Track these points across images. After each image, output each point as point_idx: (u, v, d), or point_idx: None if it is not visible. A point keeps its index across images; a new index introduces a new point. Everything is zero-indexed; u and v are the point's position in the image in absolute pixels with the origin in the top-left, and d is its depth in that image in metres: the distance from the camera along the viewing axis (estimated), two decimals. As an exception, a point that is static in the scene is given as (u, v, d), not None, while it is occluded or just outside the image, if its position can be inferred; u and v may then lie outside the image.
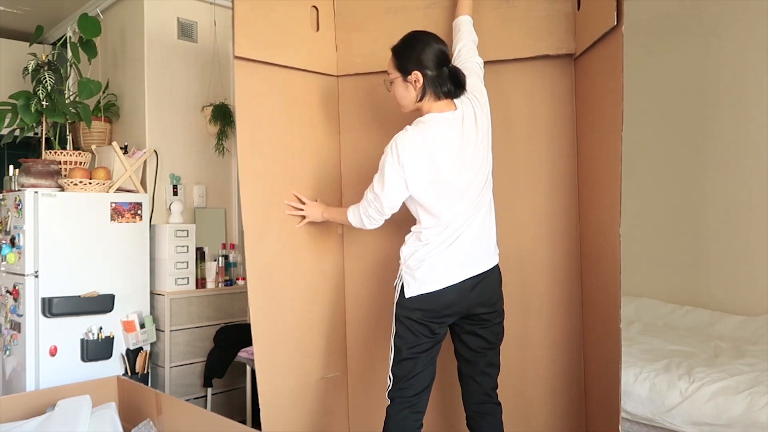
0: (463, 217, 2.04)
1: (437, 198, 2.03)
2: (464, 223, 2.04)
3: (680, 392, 2.46)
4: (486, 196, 2.11)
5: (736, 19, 3.44)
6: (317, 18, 2.57)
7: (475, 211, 2.06)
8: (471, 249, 2.05)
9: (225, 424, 2.28)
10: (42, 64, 3.20)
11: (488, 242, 2.11)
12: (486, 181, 2.10)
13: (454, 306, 2.03)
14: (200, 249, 3.51)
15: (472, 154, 2.05)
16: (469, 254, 2.05)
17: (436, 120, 2.03)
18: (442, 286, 2.01)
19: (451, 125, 2.04)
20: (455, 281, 2.01)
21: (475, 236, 2.05)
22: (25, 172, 3.03)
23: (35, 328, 2.92)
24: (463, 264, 2.03)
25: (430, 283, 2.02)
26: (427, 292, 2.02)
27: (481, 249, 2.08)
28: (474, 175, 2.05)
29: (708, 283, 3.55)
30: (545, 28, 2.37)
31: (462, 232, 2.03)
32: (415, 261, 2.04)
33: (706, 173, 3.56)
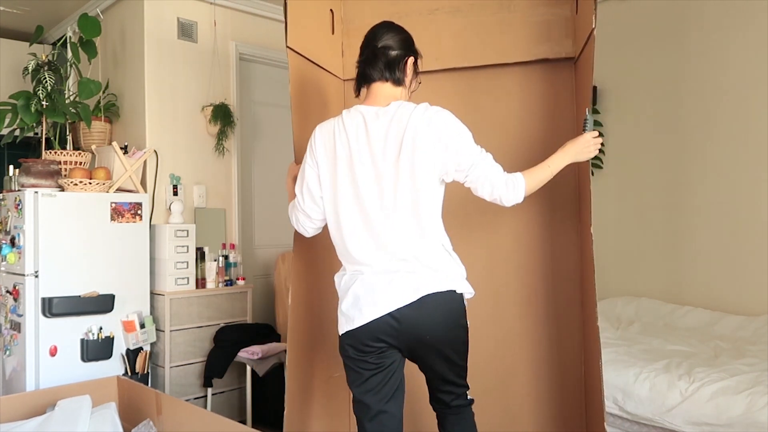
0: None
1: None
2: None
3: (680, 392, 2.46)
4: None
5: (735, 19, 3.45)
6: (332, 21, 2.59)
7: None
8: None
9: (225, 424, 2.28)
10: (42, 64, 3.20)
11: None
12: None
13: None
14: (200, 249, 3.51)
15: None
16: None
17: (346, 113, 1.92)
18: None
19: (338, 119, 1.94)
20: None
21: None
22: (25, 172, 3.03)
23: (35, 328, 2.92)
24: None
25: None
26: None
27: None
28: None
29: (708, 283, 3.55)
30: (544, 32, 2.39)
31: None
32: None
33: (707, 173, 3.56)
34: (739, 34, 3.43)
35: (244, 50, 3.93)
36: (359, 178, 1.80)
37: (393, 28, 1.91)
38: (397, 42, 1.88)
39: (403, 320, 1.76)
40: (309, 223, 1.96)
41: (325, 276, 2.54)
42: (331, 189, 1.85)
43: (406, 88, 1.91)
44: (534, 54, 2.40)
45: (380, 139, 1.80)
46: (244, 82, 4.02)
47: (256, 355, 3.23)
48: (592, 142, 1.93)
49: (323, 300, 2.47)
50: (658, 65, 3.79)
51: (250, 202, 4.09)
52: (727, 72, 3.48)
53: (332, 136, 1.86)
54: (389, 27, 1.92)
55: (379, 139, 1.80)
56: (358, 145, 1.81)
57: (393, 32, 1.90)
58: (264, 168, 4.18)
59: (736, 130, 3.44)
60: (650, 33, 3.82)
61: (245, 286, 3.65)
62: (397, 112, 1.80)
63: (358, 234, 1.82)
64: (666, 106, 3.76)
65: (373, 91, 1.87)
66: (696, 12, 3.61)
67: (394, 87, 1.87)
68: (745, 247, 3.40)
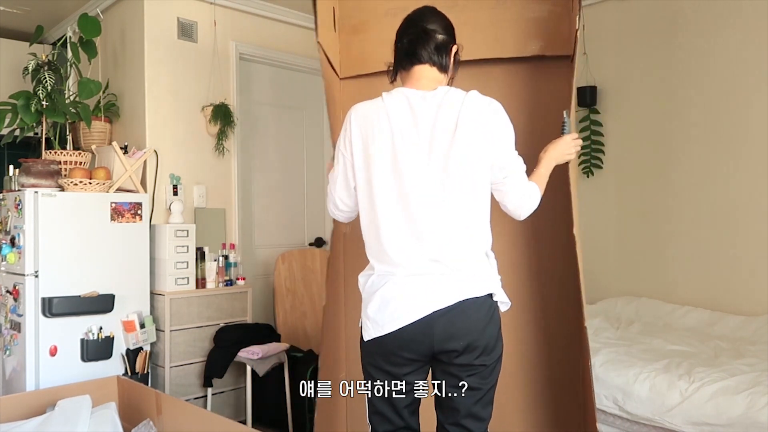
0: None
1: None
2: None
3: (680, 392, 2.46)
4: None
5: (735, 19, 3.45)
6: (334, 19, 2.58)
7: None
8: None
9: (225, 424, 2.28)
10: (42, 64, 3.19)
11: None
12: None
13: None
14: (200, 249, 3.51)
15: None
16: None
17: (386, 94, 1.79)
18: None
19: (379, 103, 1.81)
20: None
21: None
22: (25, 172, 3.03)
23: (35, 328, 2.92)
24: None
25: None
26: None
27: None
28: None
29: (708, 284, 3.54)
30: (541, 28, 2.38)
31: None
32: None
33: (707, 173, 3.56)
34: (739, 33, 3.43)
35: (244, 50, 3.93)
36: (403, 168, 1.62)
37: (438, 13, 1.77)
38: (443, 27, 1.74)
39: (437, 327, 1.60)
40: (339, 213, 1.83)
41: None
42: (366, 178, 1.68)
43: (447, 76, 1.76)
44: (529, 50, 2.38)
45: (428, 125, 1.63)
46: (244, 82, 4.02)
47: (256, 355, 3.23)
48: (572, 144, 1.89)
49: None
50: (657, 65, 3.78)
51: (250, 202, 4.09)
52: (726, 72, 3.48)
53: (371, 120, 1.69)
54: (434, 11, 1.77)
55: (426, 126, 1.63)
56: (402, 131, 1.64)
57: (439, 17, 1.76)
58: (264, 168, 4.18)
59: (736, 129, 3.44)
60: (650, 33, 3.82)
61: (245, 286, 3.65)
62: (446, 98, 1.65)
63: (397, 229, 1.64)
64: (666, 106, 3.76)
65: (415, 74, 1.71)
66: (696, 12, 3.61)
67: (438, 73, 1.72)
68: (744, 247, 3.39)
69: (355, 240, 2.68)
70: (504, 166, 1.67)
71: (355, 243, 2.68)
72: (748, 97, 3.40)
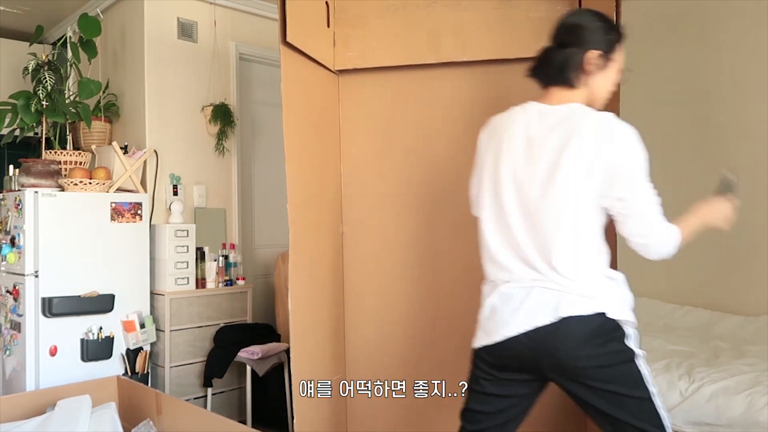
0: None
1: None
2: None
3: (680, 392, 2.46)
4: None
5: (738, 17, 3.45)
6: (327, 14, 2.56)
7: None
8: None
9: (225, 424, 2.28)
10: (42, 64, 3.20)
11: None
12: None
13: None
14: (200, 249, 3.51)
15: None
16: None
17: (516, 108, 1.78)
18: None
19: (507, 115, 1.80)
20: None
21: None
22: (25, 172, 3.03)
23: (35, 328, 2.92)
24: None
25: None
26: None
27: None
28: None
29: (708, 283, 3.54)
30: (547, 28, 2.37)
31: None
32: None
33: (707, 173, 3.55)
34: (742, 31, 3.43)
35: (244, 50, 3.93)
36: (519, 177, 1.63)
37: (568, 16, 1.74)
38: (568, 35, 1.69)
39: (539, 343, 1.55)
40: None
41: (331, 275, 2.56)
42: (491, 184, 1.68)
43: (587, 87, 1.68)
44: (535, 51, 2.39)
45: (543, 141, 1.61)
46: (244, 82, 4.02)
47: (256, 355, 3.23)
48: (728, 211, 1.80)
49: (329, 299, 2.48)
50: (657, 65, 3.78)
51: (250, 202, 4.09)
52: (728, 70, 3.48)
53: (498, 130, 1.71)
54: (566, 15, 1.74)
55: (541, 141, 1.61)
56: (519, 143, 1.64)
57: (564, 21, 1.73)
58: (264, 168, 4.18)
59: (737, 128, 3.44)
60: (650, 33, 3.82)
61: (245, 286, 3.65)
62: (570, 115, 1.62)
63: (513, 236, 1.62)
64: (666, 105, 3.76)
65: (548, 92, 1.72)
66: (696, 12, 3.61)
67: (568, 91, 1.68)
68: (745, 247, 3.39)
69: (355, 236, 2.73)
70: (625, 200, 1.62)
71: (355, 240, 2.73)
72: (748, 96, 3.40)
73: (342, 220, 2.67)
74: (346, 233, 2.67)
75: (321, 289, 2.52)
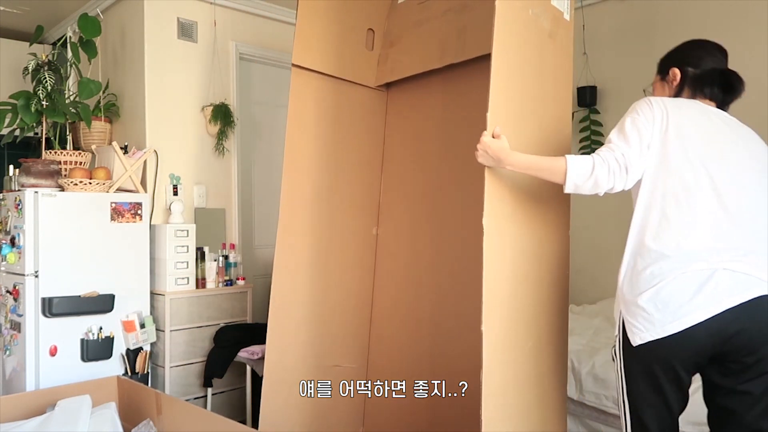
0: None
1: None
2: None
3: (680, 392, 2.45)
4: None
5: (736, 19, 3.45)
6: (372, 39, 2.80)
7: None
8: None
9: (225, 424, 2.28)
10: (42, 64, 3.20)
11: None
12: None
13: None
14: (200, 249, 3.51)
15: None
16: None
17: (693, 101, 1.85)
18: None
19: (710, 113, 1.83)
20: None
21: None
22: (25, 172, 3.03)
23: (35, 328, 2.92)
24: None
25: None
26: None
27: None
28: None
29: (708, 283, 3.54)
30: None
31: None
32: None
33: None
34: (740, 33, 3.43)
35: (244, 50, 3.93)
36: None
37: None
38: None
39: (729, 328, 1.49)
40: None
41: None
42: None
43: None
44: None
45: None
46: (244, 82, 4.02)
47: (256, 355, 3.23)
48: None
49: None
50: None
51: (250, 202, 4.09)
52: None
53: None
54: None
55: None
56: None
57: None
58: (264, 168, 4.18)
59: (736, 130, 3.44)
60: (650, 33, 3.82)
61: (245, 286, 3.65)
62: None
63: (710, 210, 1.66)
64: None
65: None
66: (696, 12, 3.61)
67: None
68: (745, 247, 3.39)
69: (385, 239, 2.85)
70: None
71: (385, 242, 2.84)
72: (748, 96, 3.39)
73: (377, 223, 2.92)
74: (380, 236, 2.87)
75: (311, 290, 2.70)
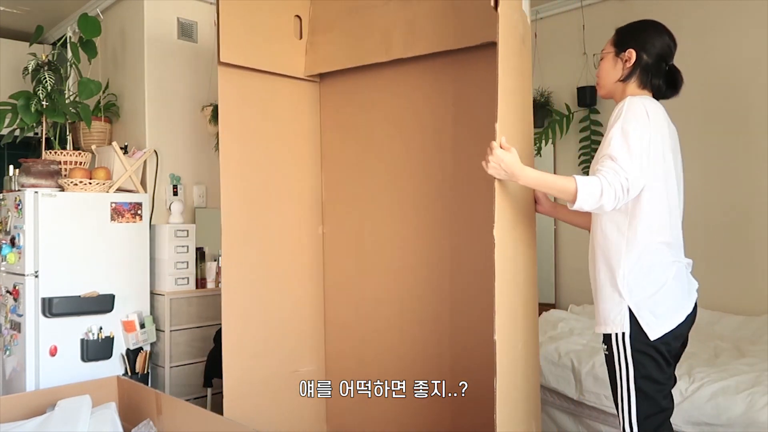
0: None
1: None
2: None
3: (680, 392, 2.46)
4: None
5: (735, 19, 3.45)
6: (300, 26, 2.66)
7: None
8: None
9: (225, 424, 2.28)
10: (42, 64, 3.20)
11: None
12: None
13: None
14: (200, 249, 3.51)
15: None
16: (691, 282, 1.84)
17: (653, 100, 1.88)
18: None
19: (668, 118, 1.89)
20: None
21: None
22: (25, 172, 3.03)
23: (35, 328, 2.92)
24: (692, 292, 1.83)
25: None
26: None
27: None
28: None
29: (708, 283, 3.53)
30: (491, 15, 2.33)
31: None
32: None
33: (707, 172, 3.56)
34: (740, 33, 3.43)
35: (244, 50, 3.93)
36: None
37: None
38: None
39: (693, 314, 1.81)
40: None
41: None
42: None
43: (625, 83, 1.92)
44: (482, 38, 2.33)
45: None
46: (244, 82, 4.02)
47: (256, 355, 3.23)
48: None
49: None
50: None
51: (250, 202, 4.09)
52: (726, 71, 3.48)
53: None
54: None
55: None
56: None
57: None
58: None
59: (736, 128, 3.44)
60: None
61: (245, 286, 3.65)
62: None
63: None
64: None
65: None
66: (696, 12, 3.61)
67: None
68: (745, 247, 3.39)
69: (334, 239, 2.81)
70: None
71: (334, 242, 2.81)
72: (749, 97, 3.40)
73: (322, 222, 2.84)
74: (327, 234, 2.82)
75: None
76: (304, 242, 2.81)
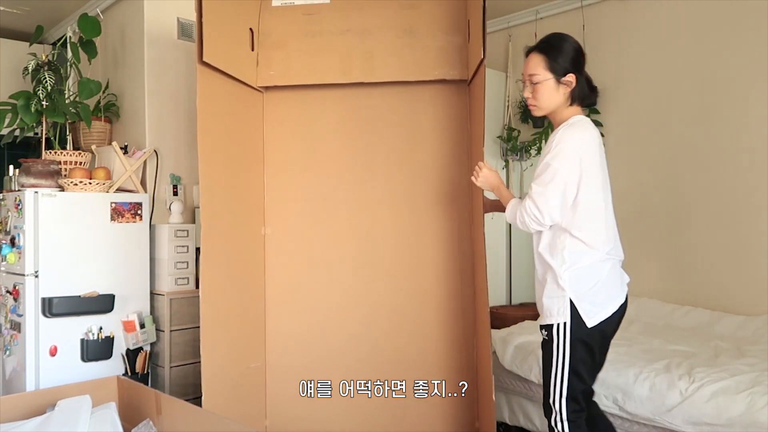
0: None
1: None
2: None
3: (680, 392, 2.46)
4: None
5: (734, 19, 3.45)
6: (252, 39, 2.81)
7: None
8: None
9: (225, 424, 2.28)
10: (42, 64, 3.20)
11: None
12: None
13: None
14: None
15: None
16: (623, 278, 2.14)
17: (587, 121, 2.06)
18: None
19: (598, 135, 2.06)
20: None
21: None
22: (25, 172, 3.03)
23: (35, 328, 2.92)
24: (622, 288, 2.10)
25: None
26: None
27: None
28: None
29: (708, 283, 3.55)
30: (442, 56, 2.72)
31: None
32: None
33: (707, 173, 3.56)
34: (739, 34, 3.43)
35: (244, 50, 3.93)
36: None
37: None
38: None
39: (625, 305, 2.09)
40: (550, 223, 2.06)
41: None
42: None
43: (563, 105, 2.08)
44: (434, 75, 2.72)
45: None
46: (244, 82, 4.02)
47: (256, 355, 3.23)
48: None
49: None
50: (658, 65, 3.79)
51: (250, 202, 4.08)
52: (726, 72, 3.48)
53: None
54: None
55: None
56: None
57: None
58: (264, 168, 4.17)
59: (735, 129, 3.44)
60: (650, 33, 3.83)
61: (245, 286, 3.65)
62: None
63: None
64: (666, 105, 3.76)
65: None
66: (696, 12, 3.62)
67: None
68: (745, 247, 3.40)
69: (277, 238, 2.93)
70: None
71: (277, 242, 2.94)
72: (749, 96, 3.40)
73: (264, 223, 2.95)
74: (269, 235, 2.92)
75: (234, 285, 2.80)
76: (246, 242, 2.90)
